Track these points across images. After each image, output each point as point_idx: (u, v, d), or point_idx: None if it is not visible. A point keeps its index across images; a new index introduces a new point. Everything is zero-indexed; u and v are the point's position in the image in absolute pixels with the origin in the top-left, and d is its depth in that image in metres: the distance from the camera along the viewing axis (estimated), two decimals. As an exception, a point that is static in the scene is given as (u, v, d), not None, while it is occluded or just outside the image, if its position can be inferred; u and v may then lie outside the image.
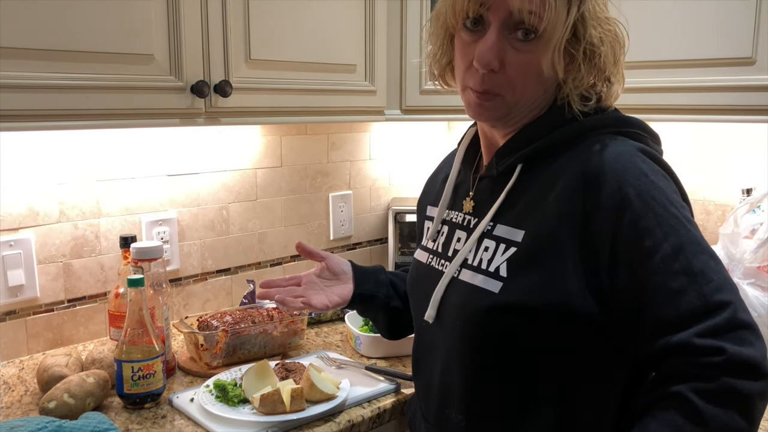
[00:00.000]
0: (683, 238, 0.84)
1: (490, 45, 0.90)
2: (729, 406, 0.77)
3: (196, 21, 1.31)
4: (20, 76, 1.10)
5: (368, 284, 1.26)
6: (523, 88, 0.93)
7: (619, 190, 0.86)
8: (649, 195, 0.86)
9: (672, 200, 0.87)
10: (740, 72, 1.39)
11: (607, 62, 0.94)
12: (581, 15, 0.90)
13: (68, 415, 1.15)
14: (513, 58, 0.91)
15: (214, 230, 1.79)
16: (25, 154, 1.46)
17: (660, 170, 0.90)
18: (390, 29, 1.68)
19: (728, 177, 1.79)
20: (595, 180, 0.88)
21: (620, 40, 0.95)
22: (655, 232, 0.84)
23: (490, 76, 0.92)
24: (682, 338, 0.80)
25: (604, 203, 0.87)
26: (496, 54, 0.90)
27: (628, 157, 0.89)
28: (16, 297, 1.47)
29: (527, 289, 0.90)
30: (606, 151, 0.90)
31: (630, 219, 0.85)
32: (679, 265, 0.82)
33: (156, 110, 1.28)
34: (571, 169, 0.91)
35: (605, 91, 0.96)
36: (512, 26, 0.90)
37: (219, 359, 1.40)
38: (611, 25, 0.94)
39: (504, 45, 0.91)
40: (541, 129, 0.97)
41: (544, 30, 0.89)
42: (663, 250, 0.83)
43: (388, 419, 1.28)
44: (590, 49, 0.92)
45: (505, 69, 0.92)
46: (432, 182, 1.23)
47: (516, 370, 0.94)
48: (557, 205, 0.90)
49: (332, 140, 2.02)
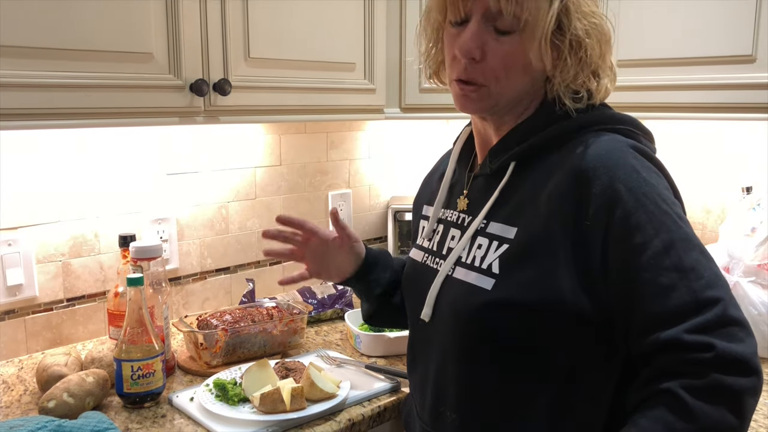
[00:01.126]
0: (674, 235, 0.84)
1: (471, 34, 0.92)
2: (719, 402, 0.77)
3: (195, 19, 1.30)
4: (20, 74, 1.10)
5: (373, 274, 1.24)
6: (507, 78, 0.94)
7: (610, 187, 0.86)
8: (641, 191, 0.86)
9: (663, 197, 0.87)
10: (741, 70, 1.39)
11: (593, 55, 0.94)
12: (565, 7, 0.91)
13: (68, 415, 1.15)
14: (494, 48, 0.93)
15: (213, 229, 1.79)
16: (24, 152, 1.46)
17: (652, 167, 0.90)
18: (389, 27, 1.67)
19: (728, 175, 1.79)
20: (587, 176, 0.88)
21: (606, 34, 0.95)
22: (646, 228, 0.84)
23: (473, 66, 0.94)
24: (671, 334, 0.80)
25: (596, 199, 0.87)
26: (477, 43, 0.92)
27: (620, 153, 0.89)
28: (15, 296, 1.47)
29: (520, 285, 0.90)
30: (598, 148, 0.90)
31: (621, 215, 0.85)
32: (670, 262, 0.82)
33: (155, 109, 1.27)
34: (563, 166, 0.92)
35: (594, 86, 0.96)
36: (493, 17, 0.92)
37: (219, 358, 1.39)
38: (596, 19, 0.94)
39: (485, 35, 0.93)
40: (534, 127, 0.97)
41: (526, 21, 0.90)
42: (654, 246, 0.83)
43: (388, 418, 1.28)
44: (576, 41, 0.92)
45: (486, 59, 0.93)
46: (428, 181, 1.24)
47: (510, 367, 0.94)
48: (549, 202, 0.90)
49: (331, 139, 2.02)
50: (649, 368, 0.84)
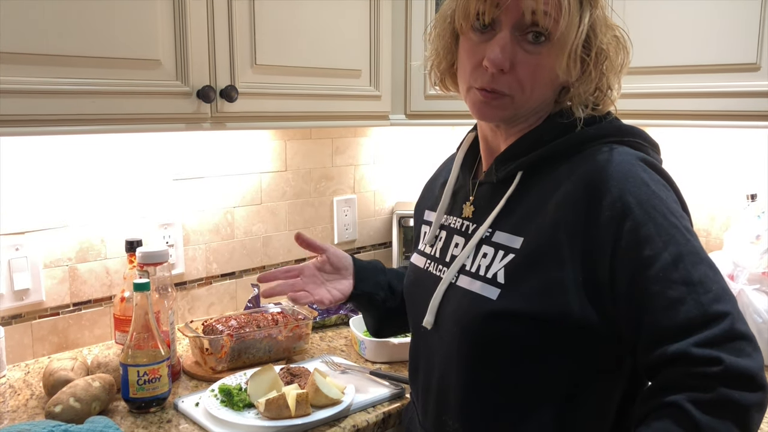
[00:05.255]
0: (683, 248, 0.83)
1: (502, 46, 0.90)
2: (726, 416, 0.77)
3: (202, 26, 1.31)
4: (28, 81, 1.11)
5: (368, 285, 1.26)
6: (533, 90, 0.93)
7: (620, 199, 0.86)
8: (650, 204, 0.86)
9: (672, 210, 0.87)
10: (745, 78, 1.39)
11: (611, 68, 0.94)
12: (593, 21, 0.91)
13: (74, 419, 1.15)
14: (523, 59, 0.91)
15: (219, 234, 1.80)
16: (31, 158, 1.47)
17: (660, 180, 0.90)
18: (395, 34, 1.68)
19: (733, 182, 1.79)
20: (596, 188, 0.88)
21: (626, 47, 0.95)
22: (655, 241, 0.83)
23: (499, 77, 0.92)
24: (679, 348, 0.80)
25: (605, 211, 0.87)
26: (508, 54, 0.91)
27: (629, 166, 0.89)
28: (22, 300, 1.48)
29: (525, 295, 0.90)
30: (607, 160, 0.90)
31: (630, 227, 0.85)
32: (678, 275, 0.82)
33: (162, 115, 1.28)
34: (571, 177, 0.91)
35: (605, 97, 0.96)
36: (524, 28, 0.91)
37: (224, 363, 1.40)
38: (617, 32, 0.95)
39: (515, 47, 0.91)
40: (543, 136, 0.97)
41: (559, 33, 0.89)
42: (662, 259, 0.83)
43: (392, 424, 1.28)
44: (601, 54, 0.93)
45: (515, 70, 0.92)
46: (430, 186, 1.24)
47: (514, 377, 0.94)
48: (557, 213, 0.90)
49: (337, 144, 2.03)
50: (656, 381, 0.84)
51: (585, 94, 0.94)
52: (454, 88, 1.06)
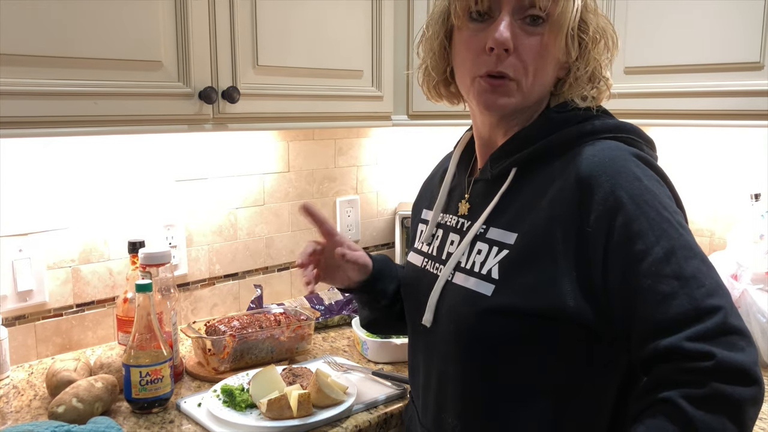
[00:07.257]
0: (675, 242, 0.83)
1: (505, 26, 0.92)
2: (719, 411, 0.77)
3: (204, 28, 1.31)
4: (31, 83, 1.11)
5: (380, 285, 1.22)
6: (536, 73, 0.94)
7: (612, 194, 0.86)
8: (642, 199, 0.86)
9: (665, 205, 0.87)
10: (748, 77, 1.39)
11: (604, 53, 0.97)
12: (584, 3, 0.95)
13: (77, 420, 1.16)
14: (525, 41, 0.93)
15: (221, 235, 1.80)
16: (34, 159, 1.47)
17: (654, 175, 0.90)
18: (397, 35, 1.68)
19: (737, 182, 1.79)
20: (589, 184, 0.88)
21: (613, 36, 0.99)
22: (647, 236, 0.83)
23: (504, 58, 0.93)
24: (671, 342, 0.80)
25: (597, 206, 0.87)
26: (510, 34, 0.92)
27: (622, 161, 0.89)
28: (25, 302, 1.48)
29: (520, 291, 0.90)
30: (600, 156, 0.90)
31: (622, 222, 0.85)
32: (671, 269, 0.82)
33: (164, 116, 1.28)
34: (565, 173, 0.92)
35: (598, 89, 0.98)
36: (523, 11, 0.92)
37: (226, 364, 1.40)
38: (604, 21, 0.98)
39: (515, 29, 0.93)
40: (535, 134, 0.97)
41: (555, 13, 0.91)
42: (654, 253, 0.83)
43: (394, 424, 1.28)
44: (596, 34, 0.95)
45: (518, 52, 0.93)
46: (427, 185, 1.24)
47: (510, 374, 0.94)
48: (551, 208, 0.90)
49: (339, 145, 2.03)
50: (650, 377, 0.84)
51: (583, 77, 0.96)
52: (447, 95, 1.08)
